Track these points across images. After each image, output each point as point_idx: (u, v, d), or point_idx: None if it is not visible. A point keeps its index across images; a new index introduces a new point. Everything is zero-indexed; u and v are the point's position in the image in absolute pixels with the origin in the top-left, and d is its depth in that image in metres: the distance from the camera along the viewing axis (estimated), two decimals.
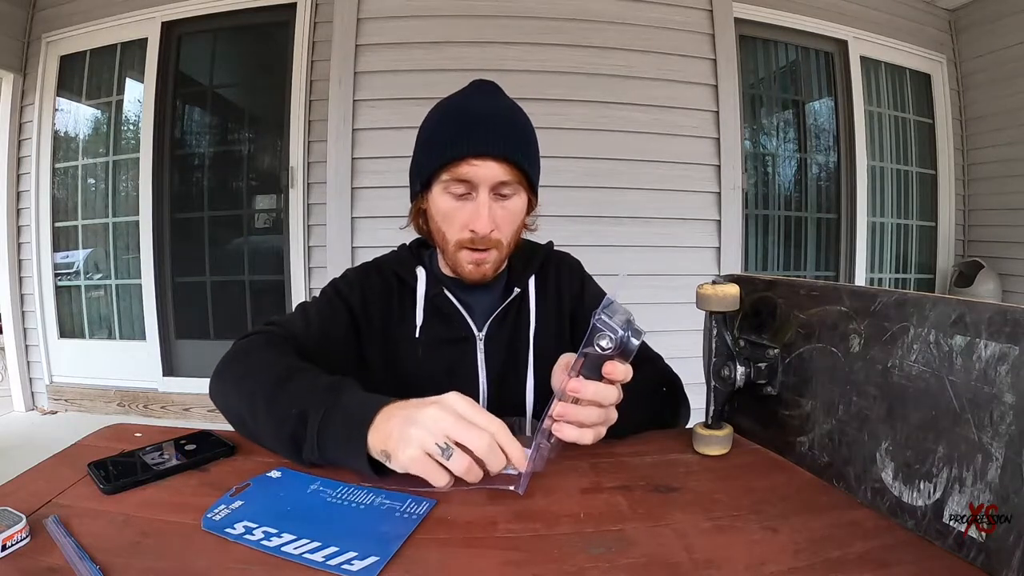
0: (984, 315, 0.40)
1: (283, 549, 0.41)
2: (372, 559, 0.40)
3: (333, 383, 0.56)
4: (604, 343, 0.51)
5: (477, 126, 0.71)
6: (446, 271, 0.81)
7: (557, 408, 0.53)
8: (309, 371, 0.59)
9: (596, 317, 0.51)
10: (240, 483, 0.50)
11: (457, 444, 0.47)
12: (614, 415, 0.56)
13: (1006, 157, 3.14)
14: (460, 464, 0.46)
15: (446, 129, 0.72)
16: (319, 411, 0.52)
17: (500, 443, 0.48)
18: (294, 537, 0.42)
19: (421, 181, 0.76)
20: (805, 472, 0.55)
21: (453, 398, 0.50)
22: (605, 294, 0.74)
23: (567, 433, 0.53)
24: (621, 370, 0.52)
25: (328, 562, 0.40)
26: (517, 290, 0.81)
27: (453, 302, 0.79)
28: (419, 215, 0.80)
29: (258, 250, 2.91)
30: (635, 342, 0.52)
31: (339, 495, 0.49)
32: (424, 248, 0.87)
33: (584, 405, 0.53)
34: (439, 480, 0.47)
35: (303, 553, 0.41)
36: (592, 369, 0.53)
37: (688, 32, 2.48)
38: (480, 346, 0.79)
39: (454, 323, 0.79)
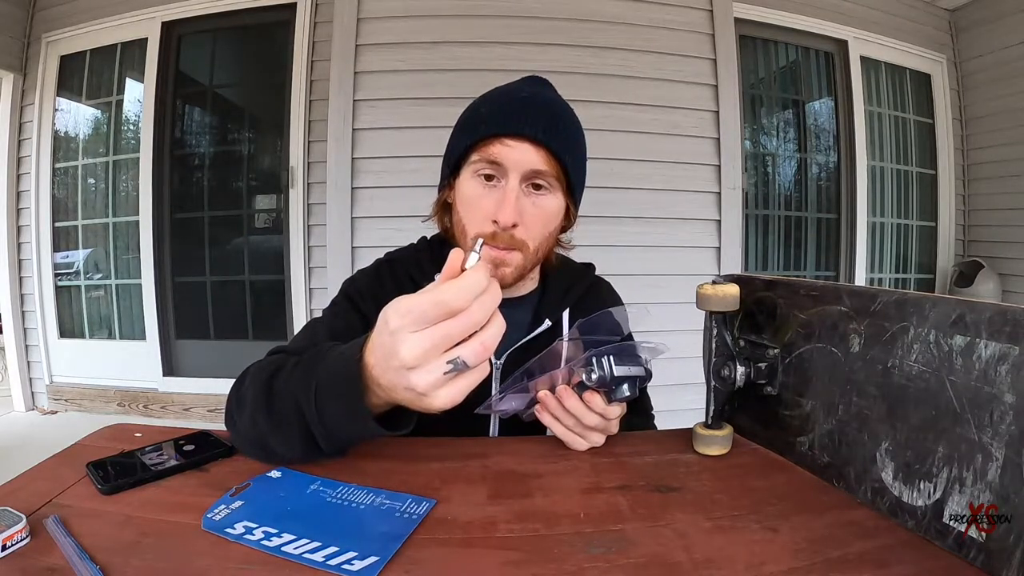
0: (984, 315, 0.40)
1: (283, 549, 0.41)
2: (372, 559, 0.40)
3: (308, 361, 0.52)
4: (593, 376, 0.56)
5: (516, 106, 0.65)
6: None
7: (542, 392, 0.59)
8: (285, 364, 0.55)
9: (600, 353, 0.56)
10: (240, 483, 0.50)
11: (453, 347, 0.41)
12: (596, 439, 0.60)
13: (1006, 157, 3.14)
14: (475, 355, 0.40)
15: (483, 109, 0.68)
16: (309, 397, 0.48)
17: (472, 315, 0.40)
18: (294, 537, 0.42)
19: (450, 165, 0.70)
20: (805, 472, 0.55)
21: (394, 319, 0.42)
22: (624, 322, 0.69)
23: (544, 417, 0.60)
24: (597, 404, 0.57)
25: (328, 562, 0.40)
26: (548, 323, 0.74)
27: None
28: (443, 209, 0.74)
29: (258, 250, 2.91)
30: (623, 394, 0.57)
31: (339, 495, 0.49)
32: (446, 246, 0.78)
33: (564, 411, 0.58)
34: (479, 374, 0.42)
35: (303, 553, 0.41)
36: (580, 389, 0.58)
37: (688, 32, 2.48)
38: (496, 375, 0.72)
39: None
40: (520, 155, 0.64)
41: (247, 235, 2.93)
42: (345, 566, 0.39)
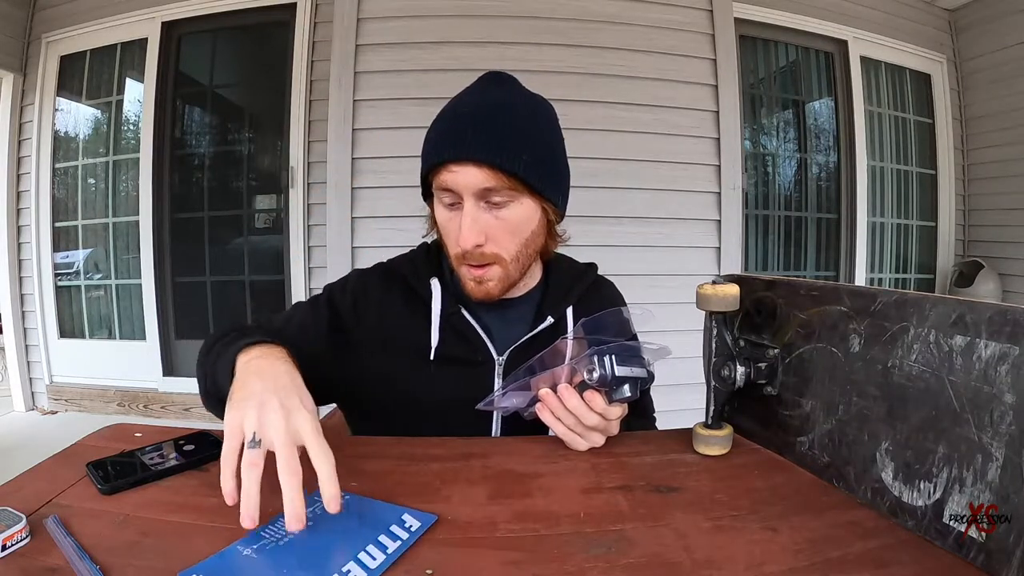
0: (984, 315, 0.40)
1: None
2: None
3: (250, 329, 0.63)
4: (594, 375, 0.56)
5: (458, 127, 0.65)
6: None
7: (543, 391, 0.59)
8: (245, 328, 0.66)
9: (602, 352, 0.56)
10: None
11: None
12: (596, 439, 0.60)
13: (1006, 157, 3.14)
14: (250, 470, 0.41)
15: (435, 130, 0.68)
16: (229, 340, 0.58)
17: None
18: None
19: (423, 189, 0.73)
20: (805, 472, 0.55)
21: (306, 415, 0.45)
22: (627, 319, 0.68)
23: (544, 416, 0.59)
24: (598, 403, 0.57)
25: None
26: (550, 319, 0.74)
27: (472, 324, 0.73)
28: (434, 222, 0.74)
29: (258, 250, 2.91)
30: (623, 395, 0.57)
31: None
32: (444, 253, 0.78)
33: (564, 410, 0.58)
34: (225, 462, 0.43)
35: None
36: (581, 388, 0.58)
37: (688, 32, 2.48)
38: (499, 371, 0.73)
39: (472, 344, 0.73)
40: (466, 178, 0.64)
41: (247, 235, 2.93)
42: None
